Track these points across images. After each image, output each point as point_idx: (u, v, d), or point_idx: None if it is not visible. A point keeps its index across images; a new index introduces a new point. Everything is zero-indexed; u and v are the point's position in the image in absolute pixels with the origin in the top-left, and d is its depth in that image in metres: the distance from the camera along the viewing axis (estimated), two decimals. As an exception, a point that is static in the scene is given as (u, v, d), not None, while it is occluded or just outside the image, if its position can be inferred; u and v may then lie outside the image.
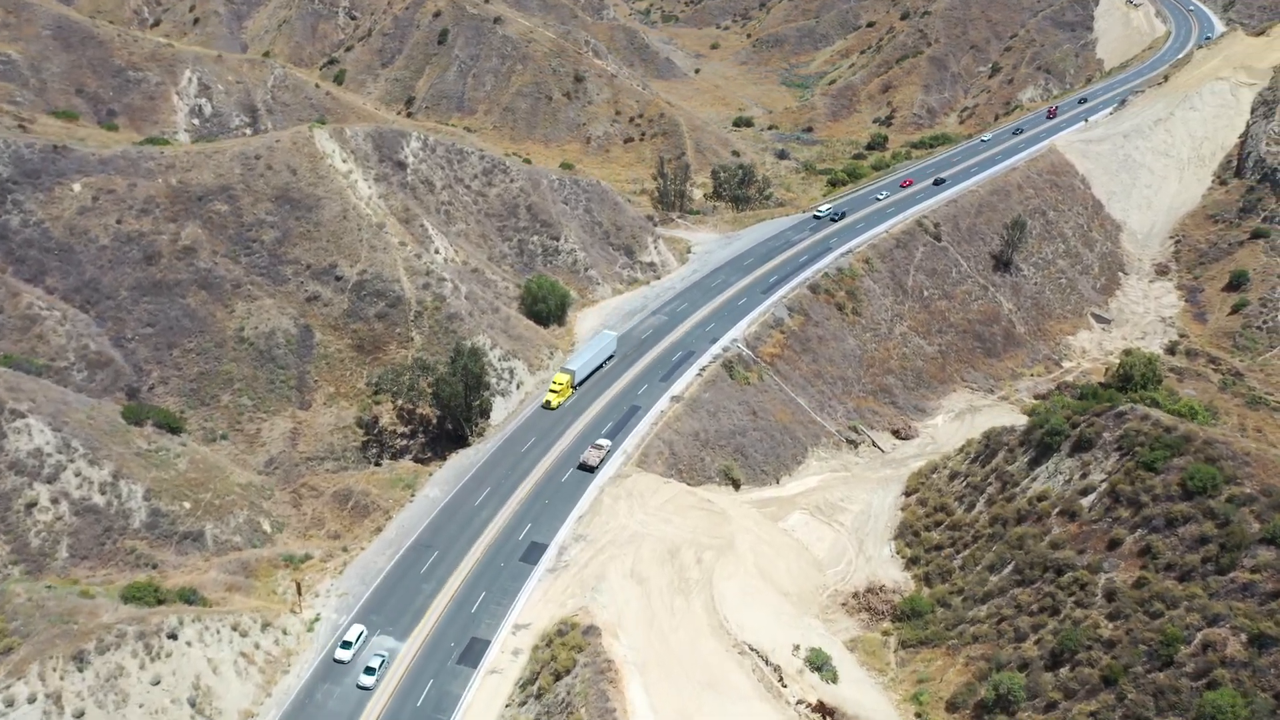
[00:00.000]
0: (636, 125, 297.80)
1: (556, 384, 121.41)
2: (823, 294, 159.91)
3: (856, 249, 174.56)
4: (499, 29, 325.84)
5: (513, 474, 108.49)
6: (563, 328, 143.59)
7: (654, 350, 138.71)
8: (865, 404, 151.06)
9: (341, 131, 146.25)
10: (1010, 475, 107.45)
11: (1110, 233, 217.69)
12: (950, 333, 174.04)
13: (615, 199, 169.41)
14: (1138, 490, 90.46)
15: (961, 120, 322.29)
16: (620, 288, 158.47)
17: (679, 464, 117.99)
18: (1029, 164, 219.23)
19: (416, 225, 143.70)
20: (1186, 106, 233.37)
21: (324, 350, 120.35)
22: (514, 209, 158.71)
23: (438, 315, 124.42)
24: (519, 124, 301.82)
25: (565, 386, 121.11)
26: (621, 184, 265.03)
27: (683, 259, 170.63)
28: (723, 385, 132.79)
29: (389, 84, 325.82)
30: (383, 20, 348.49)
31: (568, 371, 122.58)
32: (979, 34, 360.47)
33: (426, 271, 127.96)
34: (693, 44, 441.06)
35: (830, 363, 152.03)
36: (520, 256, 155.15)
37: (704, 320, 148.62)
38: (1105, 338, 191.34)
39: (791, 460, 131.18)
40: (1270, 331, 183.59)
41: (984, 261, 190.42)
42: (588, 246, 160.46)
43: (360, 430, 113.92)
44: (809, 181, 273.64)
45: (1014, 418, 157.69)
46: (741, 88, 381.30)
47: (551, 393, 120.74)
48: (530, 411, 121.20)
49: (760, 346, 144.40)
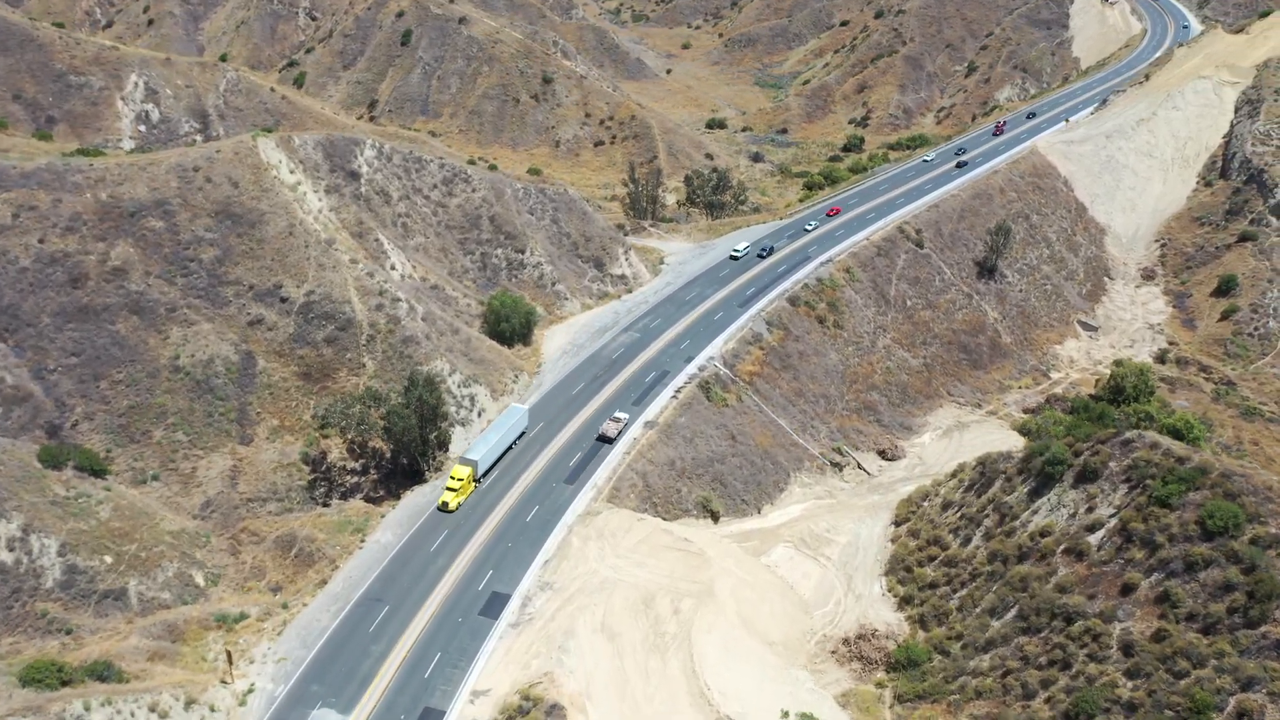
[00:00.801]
0: (607, 128, 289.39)
1: (455, 479, 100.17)
2: (803, 306, 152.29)
3: (837, 257, 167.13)
4: (464, 29, 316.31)
5: (474, 513, 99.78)
6: (528, 347, 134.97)
7: (626, 371, 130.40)
8: (849, 423, 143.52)
9: (289, 140, 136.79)
10: (1009, 507, 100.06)
11: (1094, 236, 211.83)
12: (935, 344, 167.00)
13: (584, 208, 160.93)
14: (1151, 529, 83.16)
15: (939, 121, 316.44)
16: (590, 302, 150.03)
17: (653, 497, 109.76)
18: (1010, 166, 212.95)
19: (371, 240, 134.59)
20: (1169, 106, 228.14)
21: (268, 379, 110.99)
22: (476, 220, 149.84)
23: (392, 339, 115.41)
24: (485, 127, 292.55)
25: (466, 481, 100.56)
26: (591, 189, 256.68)
27: (655, 270, 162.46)
28: (699, 408, 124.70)
29: (351, 87, 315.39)
30: (344, 21, 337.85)
31: (468, 463, 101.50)
32: (954, 33, 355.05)
33: (380, 291, 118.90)
34: (664, 44, 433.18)
35: (812, 380, 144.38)
36: (483, 271, 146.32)
37: (679, 337, 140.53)
38: (1093, 346, 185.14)
39: (773, 487, 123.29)
40: (1262, 338, 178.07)
41: (967, 269, 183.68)
42: (555, 259, 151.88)
43: (306, 467, 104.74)
44: (785, 185, 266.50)
45: (1004, 434, 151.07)
46: (714, 88, 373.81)
47: (449, 491, 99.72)
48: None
49: (739, 364, 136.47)
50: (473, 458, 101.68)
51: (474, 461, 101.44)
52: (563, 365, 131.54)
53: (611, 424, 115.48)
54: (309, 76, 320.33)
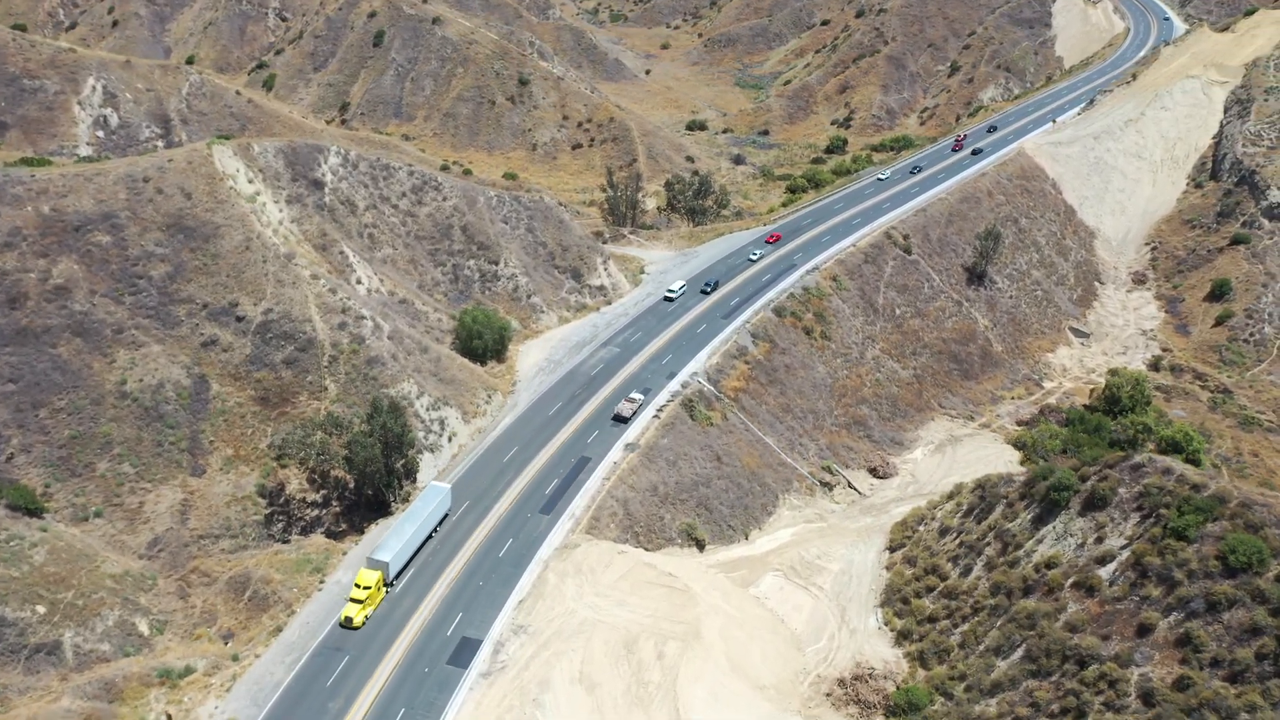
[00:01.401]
0: (585, 130, 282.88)
1: (360, 587, 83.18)
2: (789, 317, 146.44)
3: (823, 265, 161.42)
4: (438, 30, 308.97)
5: (442, 549, 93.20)
6: (502, 364, 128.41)
7: (605, 389, 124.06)
8: (839, 439, 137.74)
9: (248, 148, 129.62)
10: (1011, 535, 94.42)
11: (1084, 240, 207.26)
12: (925, 354, 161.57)
13: (560, 216, 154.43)
14: (1168, 564, 77.61)
15: (922, 121, 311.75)
16: (567, 315, 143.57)
17: (635, 526, 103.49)
18: (998, 168, 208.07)
19: (335, 252, 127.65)
20: (1157, 106, 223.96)
21: (222, 404, 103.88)
22: (447, 230, 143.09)
23: (355, 360, 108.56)
24: (460, 131, 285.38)
25: (375, 589, 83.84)
26: (569, 194, 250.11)
27: (635, 280, 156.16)
28: (682, 428, 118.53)
29: (322, 89, 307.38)
30: (314, 21, 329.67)
31: (376, 566, 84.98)
32: (937, 32, 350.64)
33: (343, 308, 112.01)
34: (642, 44, 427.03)
35: (799, 394, 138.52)
36: (455, 283, 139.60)
37: (660, 352, 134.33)
38: (1085, 354, 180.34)
39: (761, 511, 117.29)
40: (1257, 345, 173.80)
41: (957, 275, 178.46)
42: (530, 270, 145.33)
43: (263, 500, 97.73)
44: (767, 188, 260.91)
45: (998, 448, 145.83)
46: (694, 89, 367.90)
47: (353, 602, 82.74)
48: (463, 469, 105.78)
49: (723, 380, 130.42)
50: (382, 559, 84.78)
51: (383, 564, 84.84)
52: (539, 383, 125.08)
53: (627, 404, 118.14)
54: (279, 79, 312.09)
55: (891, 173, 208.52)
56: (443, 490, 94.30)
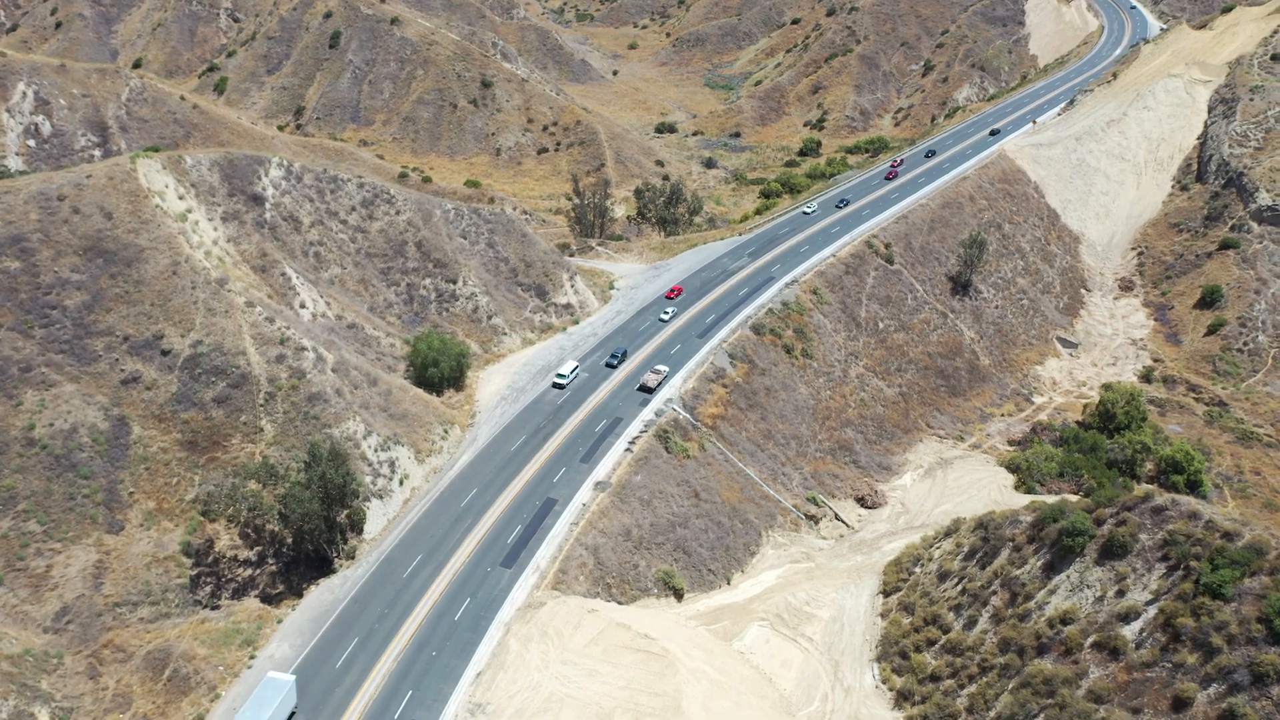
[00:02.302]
0: (551, 134, 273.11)
1: None
2: (768, 335, 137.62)
3: (803, 278, 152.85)
4: (396, 30, 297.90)
5: (391, 612, 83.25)
6: (461, 393, 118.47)
7: (573, 420, 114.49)
8: (823, 466, 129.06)
9: (179, 161, 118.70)
10: (1019, 583, 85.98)
11: (1069, 245, 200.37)
12: (910, 370, 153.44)
13: (523, 230, 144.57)
14: (1204, 626, 69.33)
15: (897, 122, 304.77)
16: (532, 337, 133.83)
17: (607, 576, 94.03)
18: (979, 172, 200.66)
19: (276, 274, 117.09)
20: (1140, 106, 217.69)
21: (144, 450, 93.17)
22: (401, 247, 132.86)
23: (295, 396, 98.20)
24: (421, 135, 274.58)
25: None
26: (535, 201, 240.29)
27: (604, 297, 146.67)
28: (657, 462, 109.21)
29: (276, 93, 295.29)
30: (268, 22, 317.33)
31: None
32: (909, 30, 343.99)
33: (281, 339, 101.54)
34: (610, 44, 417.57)
35: (781, 419, 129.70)
36: (409, 304, 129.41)
37: (631, 375, 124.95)
38: (1075, 365, 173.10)
39: (744, 551, 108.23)
40: (1252, 354, 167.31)
41: (940, 285, 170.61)
42: (491, 289, 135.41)
43: (189, 560, 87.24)
44: (740, 193, 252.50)
45: (990, 470, 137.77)
46: (663, 90, 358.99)
47: None
48: (416, 516, 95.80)
49: (700, 406, 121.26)
50: None
51: None
52: (500, 414, 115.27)
53: (652, 375, 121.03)
54: (231, 82, 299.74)
55: (818, 206, 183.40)
56: (284, 685, 70.42)
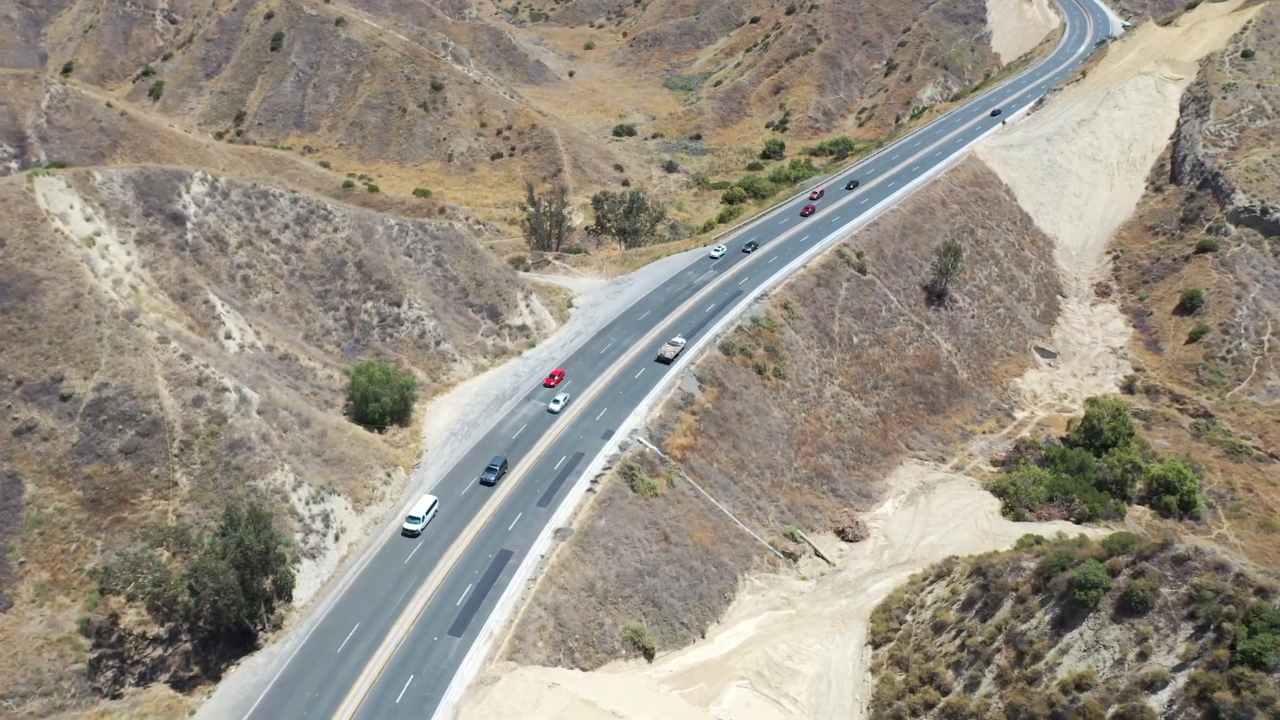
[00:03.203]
0: (505, 139, 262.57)
1: None
2: (738, 354, 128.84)
3: (773, 291, 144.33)
4: (342, 31, 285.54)
5: (323, 696, 72.99)
6: (406, 429, 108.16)
7: (529, 456, 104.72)
8: (800, 497, 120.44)
9: (86, 178, 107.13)
10: (1026, 640, 77.74)
11: (1043, 250, 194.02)
12: (887, 387, 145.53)
13: (473, 246, 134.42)
14: (1246, 703, 61.40)
15: (861, 123, 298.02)
16: (484, 363, 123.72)
17: (569, 639, 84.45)
18: (950, 175, 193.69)
19: (198, 302, 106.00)
20: (1110, 105, 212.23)
21: (38, 512, 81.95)
22: (339, 267, 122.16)
23: (215, 445, 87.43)
24: (369, 141, 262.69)
25: None
26: (489, 209, 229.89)
27: (562, 316, 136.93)
28: (622, 503, 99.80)
29: (215, 98, 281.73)
30: (206, 23, 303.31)
31: None
32: (871, 29, 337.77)
33: (199, 379, 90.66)
34: (565, 44, 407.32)
35: (755, 446, 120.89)
36: (349, 330, 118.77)
37: (593, 404, 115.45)
38: (1055, 376, 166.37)
39: (719, 598, 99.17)
40: (1236, 362, 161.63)
41: (915, 295, 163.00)
42: (439, 311, 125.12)
43: (88, 641, 76.29)
44: (702, 198, 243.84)
45: (976, 495, 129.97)
46: (620, 91, 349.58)
47: None
48: (354, 576, 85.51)
49: (667, 437, 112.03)
50: None
51: None
52: (450, 453, 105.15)
53: (670, 347, 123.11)
54: (167, 87, 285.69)
55: (726, 249, 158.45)
56: None
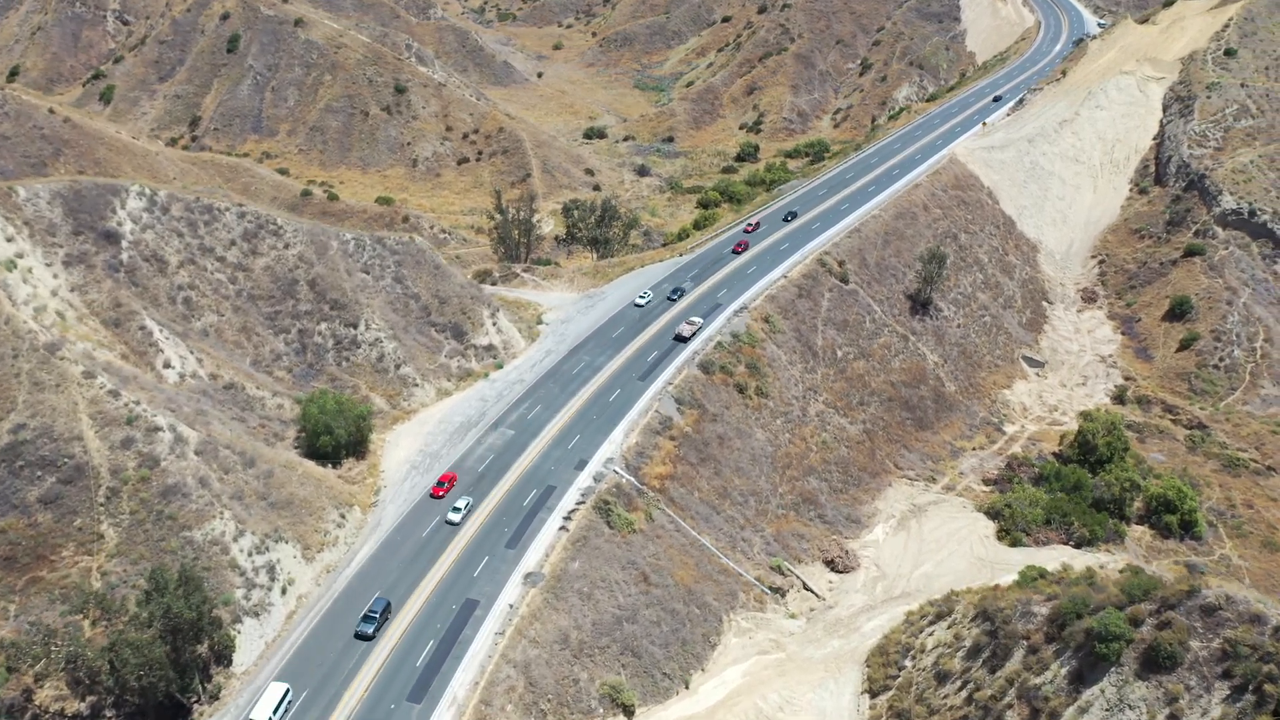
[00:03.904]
0: (471, 143, 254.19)
1: None
2: (718, 373, 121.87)
3: (753, 304, 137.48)
4: (301, 33, 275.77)
5: (264, 779, 65.07)
6: (363, 462, 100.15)
7: (497, 490, 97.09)
8: (787, 525, 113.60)
9: (9, 194, 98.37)
10: (1041, 696, 71.22)
11: (1027, 255, 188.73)
12: (874, 403, 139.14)
13: (435, 261, 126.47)
14: (1297, 780, 54.99)
15: (836, 124, 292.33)
16: (448, 386, 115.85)
17: (541, 700, 76.98)
18: (931, 178, 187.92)
19: (134, 328, 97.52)
20: (1092, 105, 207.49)
21: (-56, 572, 73.34)
22: (291, 286, 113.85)
23: (146, 492, 79.15)
24: (330, 146, 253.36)
25: None
26: (455, 216, 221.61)
27: (532, 334, 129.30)
28: (598, 541, 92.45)
29: (169, 102, 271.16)
30: (160, 25, 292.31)
31: None
32: (844, 28, 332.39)
33: (129, 418, 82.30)
34: (534, 44, 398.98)
35: (738, 472, 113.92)
36: (301, 355, 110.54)
37: (566, 431, 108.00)
38: (1044, 387, 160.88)
39: (703, 643, 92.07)
40: (1229, 370, 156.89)
41: (899, 304, 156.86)
42: (399, 332, 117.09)
43: (-2, 721, 67.97)
44: (676, 203, 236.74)
45: (969, 518, 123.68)
46: (591, 92, 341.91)
47: None
48: (302, 635, 77.52)
49: (645, 466, 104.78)
50: None
51: None
52: (411, 488, 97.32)
53: (687, 325, 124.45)
54: (118, 91, 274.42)
55: (652, 295, 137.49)
56: None
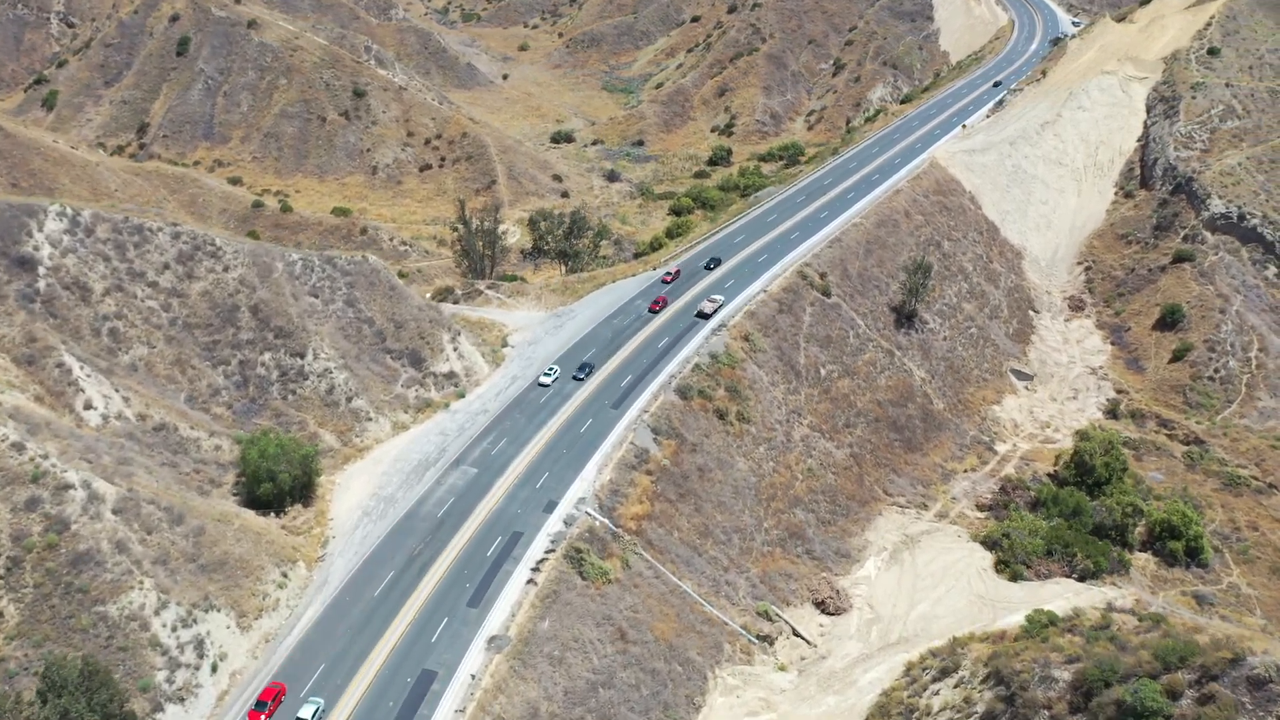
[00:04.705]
0: (434, 149, 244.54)
1: None
2: (697, 398, 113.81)
3: (731, 321, 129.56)
4: (255, 35, 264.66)
5: None
6: (310, 509, 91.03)
7: (457, 540, 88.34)
8: (773, 564, 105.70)
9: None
10: (1067, 775, 63.66)
11: (1012, 262, 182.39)
12: (860, 424, 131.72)
13: (390, 281, 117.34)
14: None
15: (810, 126, 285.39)
16: (405, 419, 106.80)
17: (507, 787, 68.42)
18: (912, 183, 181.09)
19: (50, 366, 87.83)
20: (1074, 106, 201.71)
21: None
22: (231, 313, 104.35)
23: (53, 560, 69.70)
24: (285, 153, 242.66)
25: None
26: (417, 226, 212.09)
27: (496, 358, 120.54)
28: (570, 596, 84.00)
29: (115, 108, 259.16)
30: (106, 27, 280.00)
31: None
32: (816, 27, 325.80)
33: (34, 474, 72.76)
34: (499, 45, 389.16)
35: (719, 508, 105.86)
36: (243, 388, 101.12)
37: (533, 468, 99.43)
38: (1034, 402, 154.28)
39: (686, 705, 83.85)
40: (1224, 382, 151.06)
41: (883, 317, 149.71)
42: (351, 361, 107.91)
43: None
44: (648, 210, 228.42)
45: (966, 549, 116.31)
46: (558, 95, 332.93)
47: None
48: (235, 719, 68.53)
49: (620, 506, 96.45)
50: None
51: None
52: (362, 538, 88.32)
53: (709, 303, 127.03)
54: (62, 97, 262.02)
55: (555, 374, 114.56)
56: None
